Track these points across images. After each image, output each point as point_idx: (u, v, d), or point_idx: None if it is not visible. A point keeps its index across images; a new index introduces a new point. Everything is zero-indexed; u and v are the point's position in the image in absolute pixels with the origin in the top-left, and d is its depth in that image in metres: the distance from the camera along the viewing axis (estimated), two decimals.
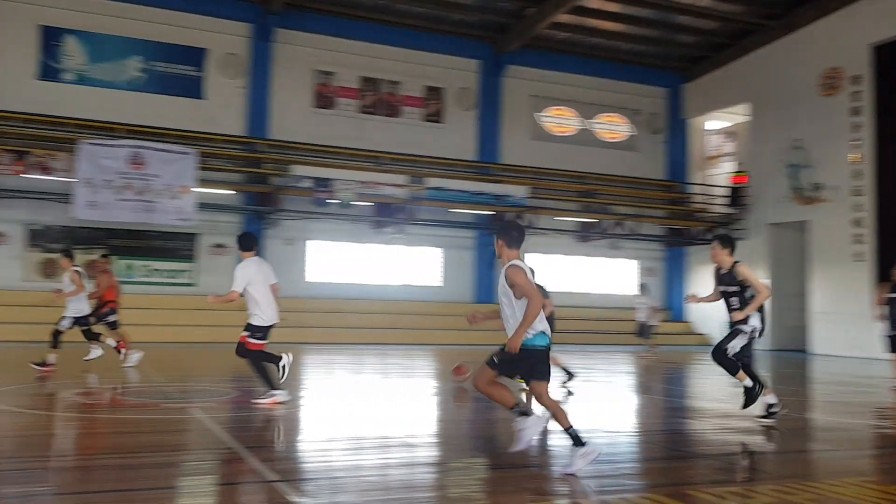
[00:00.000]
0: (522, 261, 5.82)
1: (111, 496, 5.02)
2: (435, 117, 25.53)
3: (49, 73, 20.90)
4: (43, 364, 11.48)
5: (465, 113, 25.81)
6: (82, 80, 21.25)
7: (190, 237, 21.74)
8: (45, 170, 18.94)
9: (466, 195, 23.76)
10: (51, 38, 20.90)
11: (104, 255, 14.13)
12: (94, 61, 21.39)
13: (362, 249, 24.20)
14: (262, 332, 8.67)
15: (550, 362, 5.79)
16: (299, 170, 22.03)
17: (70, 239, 20.55)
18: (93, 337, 12.47)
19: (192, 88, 22.40)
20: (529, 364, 5.68)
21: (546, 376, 5.70)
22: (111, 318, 12.93)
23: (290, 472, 5.85)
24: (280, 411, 8.55)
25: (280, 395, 8.70)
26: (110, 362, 12.44)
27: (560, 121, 27.51)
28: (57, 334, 11.85)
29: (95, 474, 5.63)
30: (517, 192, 24.43)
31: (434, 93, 25.53)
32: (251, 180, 22.52)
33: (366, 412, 9.14)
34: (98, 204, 19.25)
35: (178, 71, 22.35)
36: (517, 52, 25.64)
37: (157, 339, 18.21)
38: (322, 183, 21.90)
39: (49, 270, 20.10)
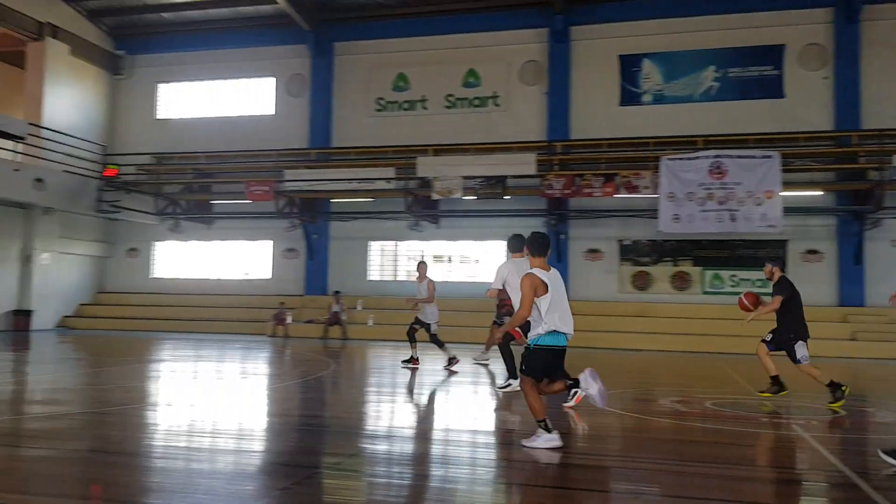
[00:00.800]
0: (547, 269, 6.12)
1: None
2: None
3: (629, 97, 22.22)
4: (410, 360, 12.85)
5: None
6: (659, 99, 22.03)
7: (779, 244, 20.40)
8: (631, 189, 19.96)
9: None
10: (629, 65, 22.26)
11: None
12: (670, 79, 21.98)
13: None
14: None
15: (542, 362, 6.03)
16: None
17: (657, 252, 21.41)
18: (414, 340, 12.95)
19: (770, 88, 21.21)
20: (525, 358, 6.10)
21: (531, 372, 6.04)
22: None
23: None
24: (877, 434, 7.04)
25: (513, 385, 9.34)
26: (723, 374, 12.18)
27: None
28: (434, 338, 12.73)
29: (695, 480, 5.37)
30: None
31: None
32: (844, 178, 20.13)
33: None
34: (681, 217, 19.46)
35: (754, 73, 21.43)
36: None
37: (744, 349, 17.36)
38: None
39: (640, 282, 21.29)
